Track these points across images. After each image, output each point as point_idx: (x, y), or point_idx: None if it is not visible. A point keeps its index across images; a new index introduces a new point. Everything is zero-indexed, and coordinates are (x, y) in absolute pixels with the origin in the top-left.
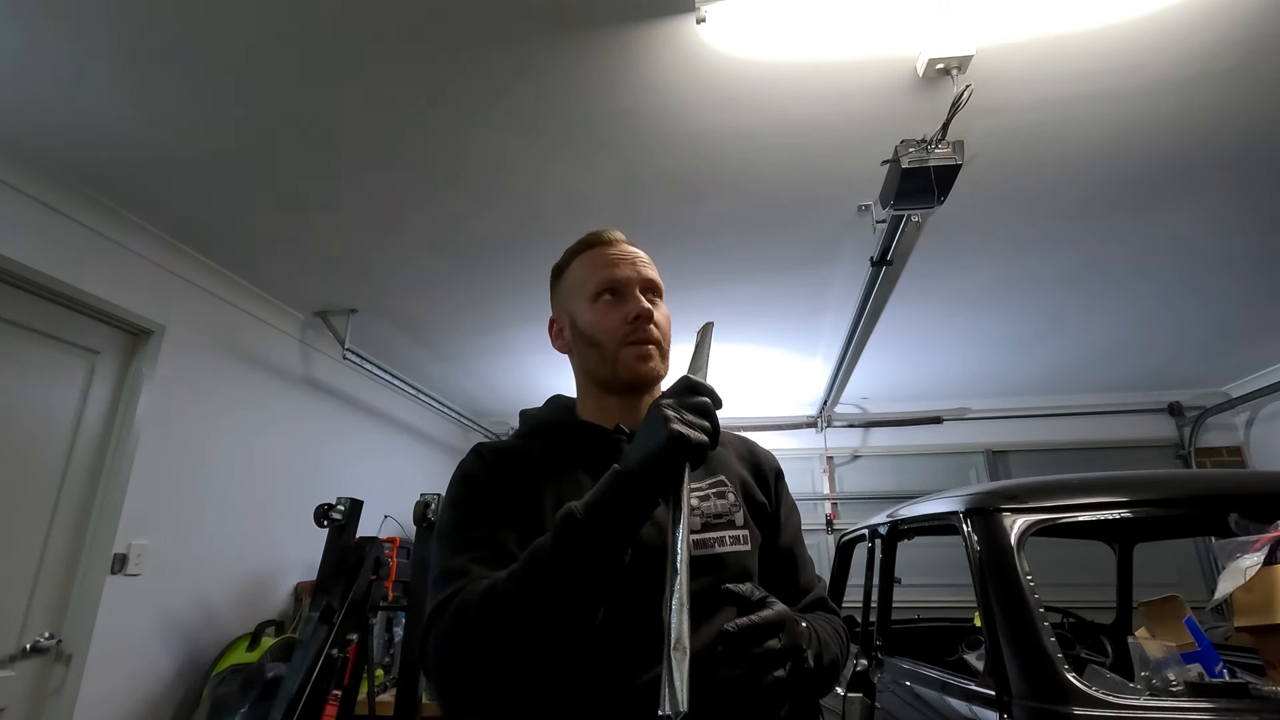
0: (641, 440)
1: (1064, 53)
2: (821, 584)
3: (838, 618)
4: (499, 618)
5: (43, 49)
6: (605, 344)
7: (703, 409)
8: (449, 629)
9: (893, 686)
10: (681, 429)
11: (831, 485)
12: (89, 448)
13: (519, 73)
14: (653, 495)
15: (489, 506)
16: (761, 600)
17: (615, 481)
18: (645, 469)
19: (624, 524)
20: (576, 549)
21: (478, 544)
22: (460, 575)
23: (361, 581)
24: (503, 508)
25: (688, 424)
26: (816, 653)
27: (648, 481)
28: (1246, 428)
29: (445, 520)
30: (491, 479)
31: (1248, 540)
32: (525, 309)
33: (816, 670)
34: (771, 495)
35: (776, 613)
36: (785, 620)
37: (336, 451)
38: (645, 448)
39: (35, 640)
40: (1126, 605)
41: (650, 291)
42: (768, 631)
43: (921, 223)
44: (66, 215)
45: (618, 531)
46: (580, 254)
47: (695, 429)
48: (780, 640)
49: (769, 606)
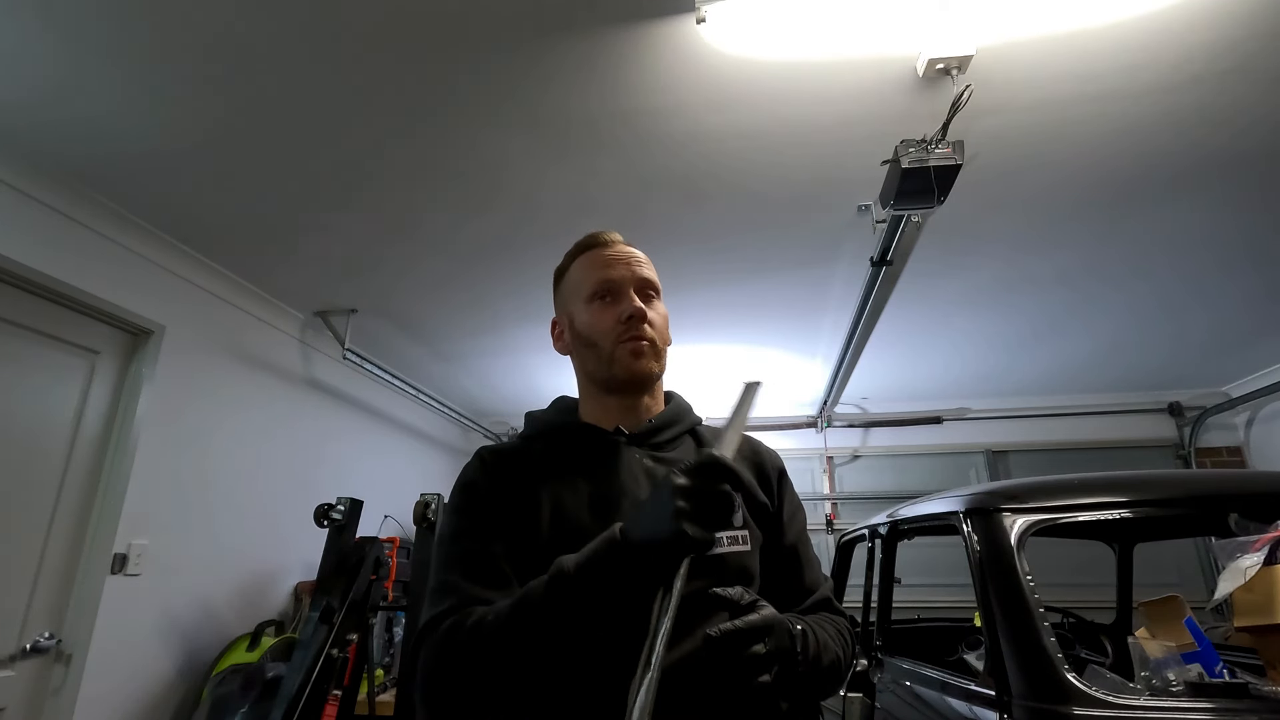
0: (649, 516)
1: (1064, 53)
2: (827, 584)
3: (843, 618)
4: (483, 655)
5: (42, 47)
6: (600, 344)
7: (720, 503)
8: (437, 655)
9: (893, 686)
10: (688, 528)
11: (831, 485)
12: (89, 448)
13: (519, 73)
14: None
15: (484, 517)
16: (750, 604)
17: (609, 550)
18: (642, 555)
19: (611, 591)
20: (562, 604)
21: (470, 558)
22: (451, 592)
23: (361, 581)
24: (498, 517)
25: (698, 518)
26: (814, 654)
27: (642, 565)
28: (1246, 428)
29: (444, 527)
30: (490, 486)
31: (1248, 540)
32: (526, 309)
33: (814, 672)
34: (774, 495)
35: (763, 617)
36: (772, 624)
37: (336, 451)
38: (647, 531)
39: (35, 640)
40: (1126, 605)
41: (646, 290)
42: (752, 636)
43: (921, 223)
44: (66, 215)
45: (604, 596)
46: (578, 256)
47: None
48: (766, 644)
49: (757, 610)
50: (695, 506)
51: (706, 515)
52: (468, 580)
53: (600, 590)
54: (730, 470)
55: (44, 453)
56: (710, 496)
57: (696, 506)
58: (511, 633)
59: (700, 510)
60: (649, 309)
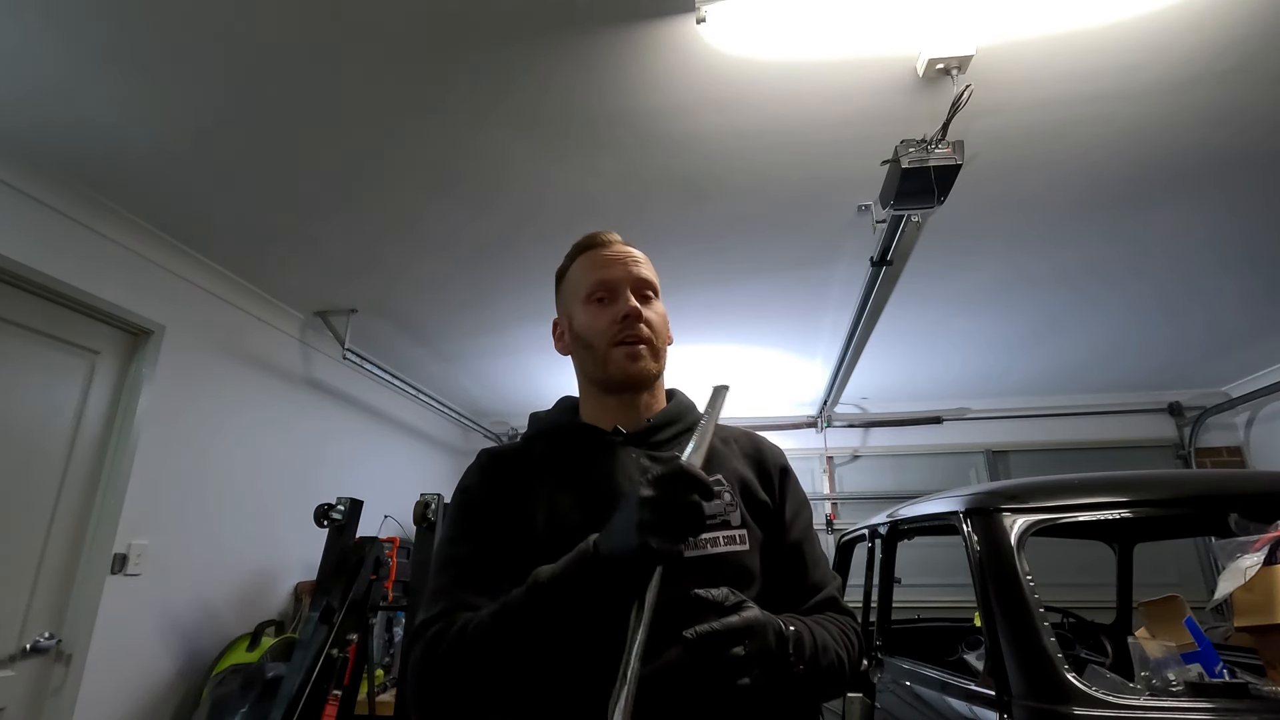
0: (616, 529)
1: (1064, 53)
2: (834, 583)
3: (849, 618)
4: (465, 662)
5: (42, 47)
6: (596, 345)
7: (685, 513)
8: (423, 660)
9: (893, 686)
10: (652, 541)
11: (831, 485)
12: (89, 448)
13: (520, 73)
14: (616, 590)
15: (478, 523)
16: (736, 605)
17: (581, 563)
18: (610, 568)
19: (584, 603)
20: (537, 616)
21: (461, 563)
22: (442, 597)
23: (361, 581)
24: (491, 522)
25: (663, 530)
26: (810, 655)
27: (611, 579)
28: (1246, 428)
29: (442, 531)
30: (485, 491)
31: (1248, 540)
32: (526, 309)
33: (813, 673)
34: (775, 492)
35: (744, 618)
36: (753, 625)
37: (336, 451)
38: (614, 545)
39: (35, 640)
40: (1126, 605)
41: (643, 290)
42: (731, 638)
43: (921, 223)
44: (66, 215)
45: (577, 608)
46: (577, 257)
47: (670, 535)
48: (746, 646)
49: (740, 612)
50: (659, 518)
51: (671, 527)
52: (458, 586)
53: (573, 602)
54: (696, 479)
55: (44, 453)
56: (675, 508)
57: (660, 518)
58: (490, 642)
59: (664, 522)
60: (646, 309)
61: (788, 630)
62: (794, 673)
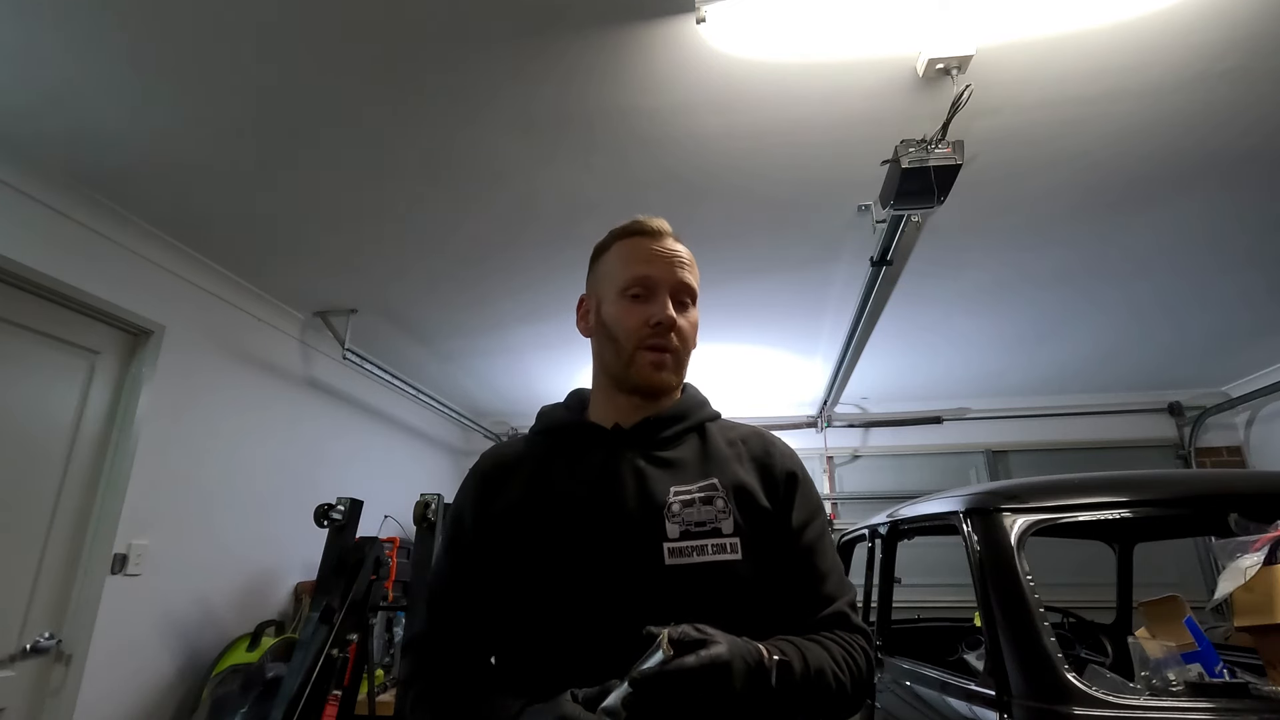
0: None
1: (1064, 53)
2: (846, 597)
3: (860, 635)
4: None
5: (42, 49)
6: (622, 341)
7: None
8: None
9: (893, 686)
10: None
11: (831, 485)
12: (89, 448)
13: (518, 73)
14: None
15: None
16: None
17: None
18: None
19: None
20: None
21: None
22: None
23: (361, 581)
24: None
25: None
26: (801, 680)
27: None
28: (1246, 428)
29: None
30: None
31: (1248, 540)
32: (526, 308)
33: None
34: (779, 499)
35: (702, 658)
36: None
37: (336, 451)
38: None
39: (35, 640)
40: (1126, 605)
41: (681, 296)
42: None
43: (921, 223)
44: (66, 215)
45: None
46: (621, 239)
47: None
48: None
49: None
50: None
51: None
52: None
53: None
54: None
55: (44, 453)
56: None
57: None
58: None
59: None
60: (681, 317)
61: (770, 659)
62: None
